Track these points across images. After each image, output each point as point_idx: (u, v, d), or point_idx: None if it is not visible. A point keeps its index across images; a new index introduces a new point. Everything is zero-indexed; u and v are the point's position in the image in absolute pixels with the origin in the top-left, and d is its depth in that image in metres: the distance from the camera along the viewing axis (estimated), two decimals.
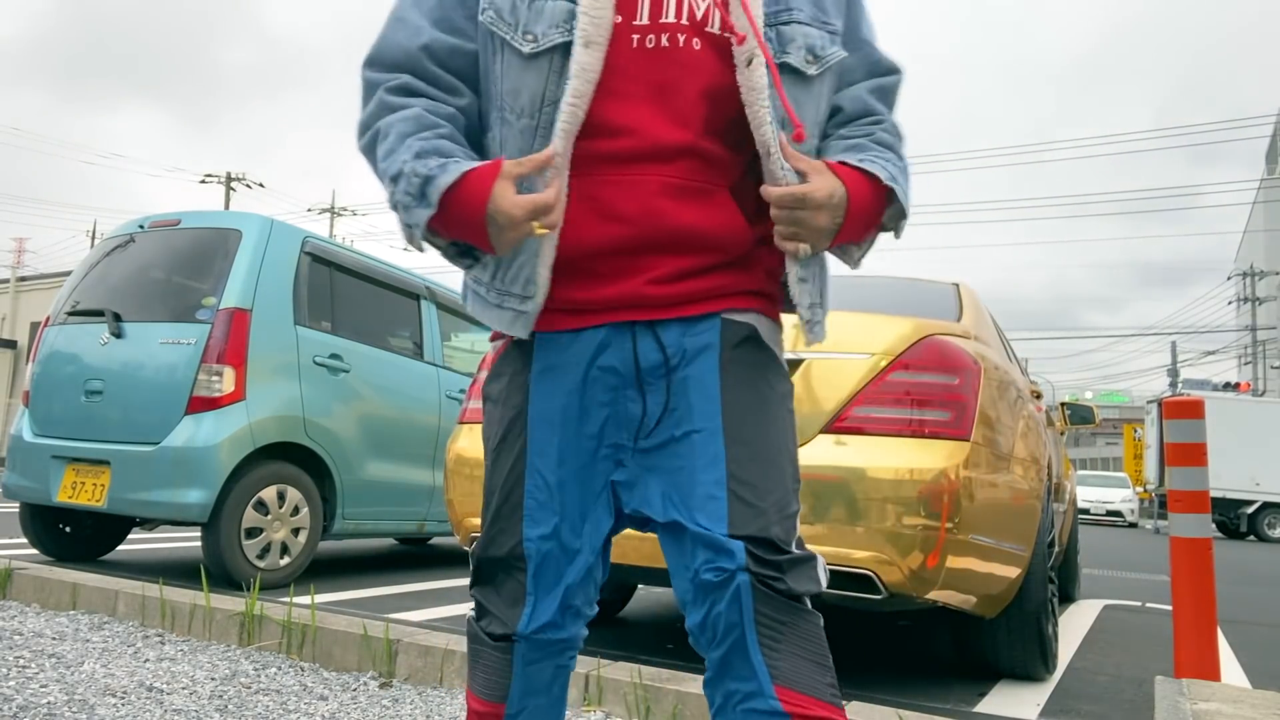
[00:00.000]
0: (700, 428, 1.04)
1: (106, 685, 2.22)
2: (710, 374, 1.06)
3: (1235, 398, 20.52)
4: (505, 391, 1.12)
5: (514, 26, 1.04)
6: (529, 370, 1.10)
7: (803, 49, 1.08)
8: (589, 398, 1.07)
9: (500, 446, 1.11)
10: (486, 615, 1.12)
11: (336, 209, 31.99)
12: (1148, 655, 3.60)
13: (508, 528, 1.09)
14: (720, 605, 0.99)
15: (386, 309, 4.92)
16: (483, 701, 1.14)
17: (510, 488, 1.09)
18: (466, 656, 1.18)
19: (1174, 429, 2.70)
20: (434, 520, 5.05)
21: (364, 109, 1.10)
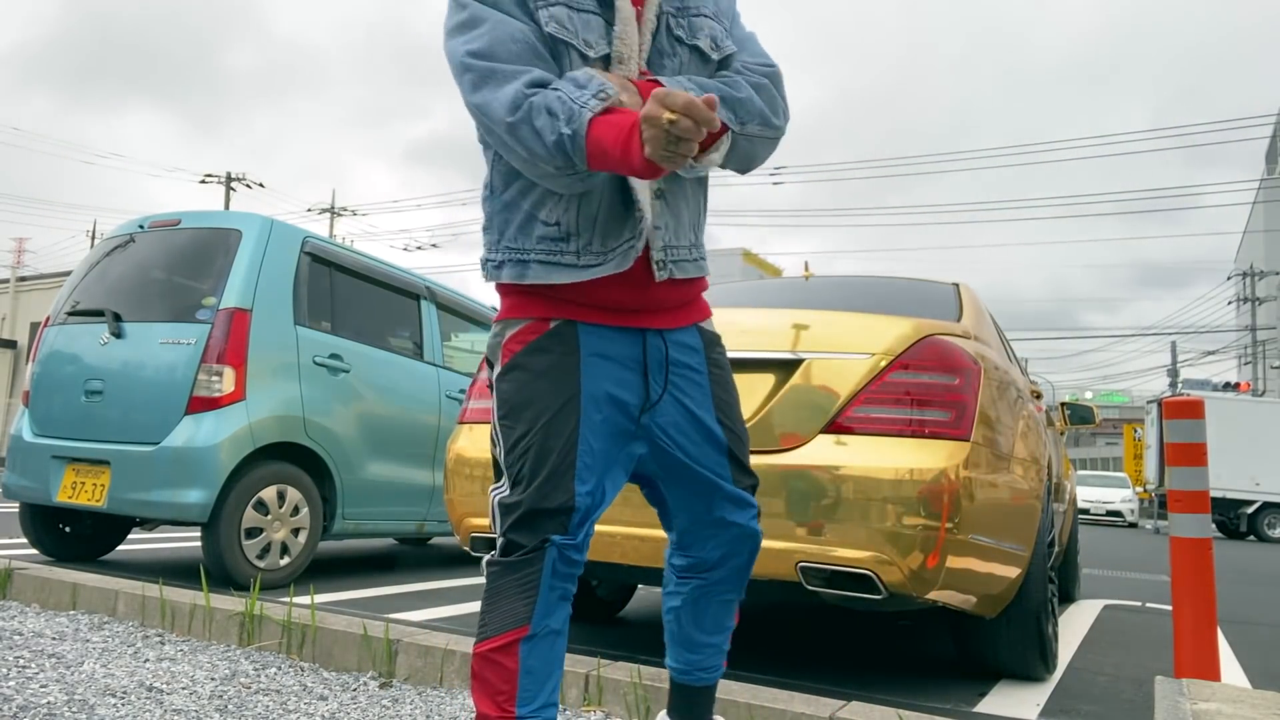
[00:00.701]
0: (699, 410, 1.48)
1: (106, 685, 2.22)
2: (702, 372, 1.49)
3: (1235, 398, 20.51)
4: (554, 367, 1.37)
5: (574, 34, 1.34)
6: (578, 353, 1.38)
7: (708, 37, 1.45)
8: (628, 387, 1.41)
9: (555, 417, 1.35)
10: (521, 545, 1.33)
11: (336, 209, 32.00)
12: (1148, 655, 3.60)
13: (561, 485, 1.34)
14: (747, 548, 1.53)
15: (386, 309, 4.92)
16: (500, 635, 1.33)
17: (565, 452, 1.35)
18: (482, 608, 1.37)
19: (1174, 429, 2.70)
20: (434, 520, 5.05)
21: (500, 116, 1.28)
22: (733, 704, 2.10)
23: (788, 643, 3.46)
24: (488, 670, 1.33)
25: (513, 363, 1.40)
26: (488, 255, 1.45)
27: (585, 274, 1.37)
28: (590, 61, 1.33)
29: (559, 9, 1.34)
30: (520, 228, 1.40)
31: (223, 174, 28.52)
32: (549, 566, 1.33)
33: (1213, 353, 40.07)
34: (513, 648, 1.32)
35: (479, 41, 1.29)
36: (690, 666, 1.61)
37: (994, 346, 3.04)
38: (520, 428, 1.37)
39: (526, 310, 1.41)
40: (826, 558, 2.36)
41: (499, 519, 1.37)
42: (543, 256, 1.38)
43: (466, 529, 2.92)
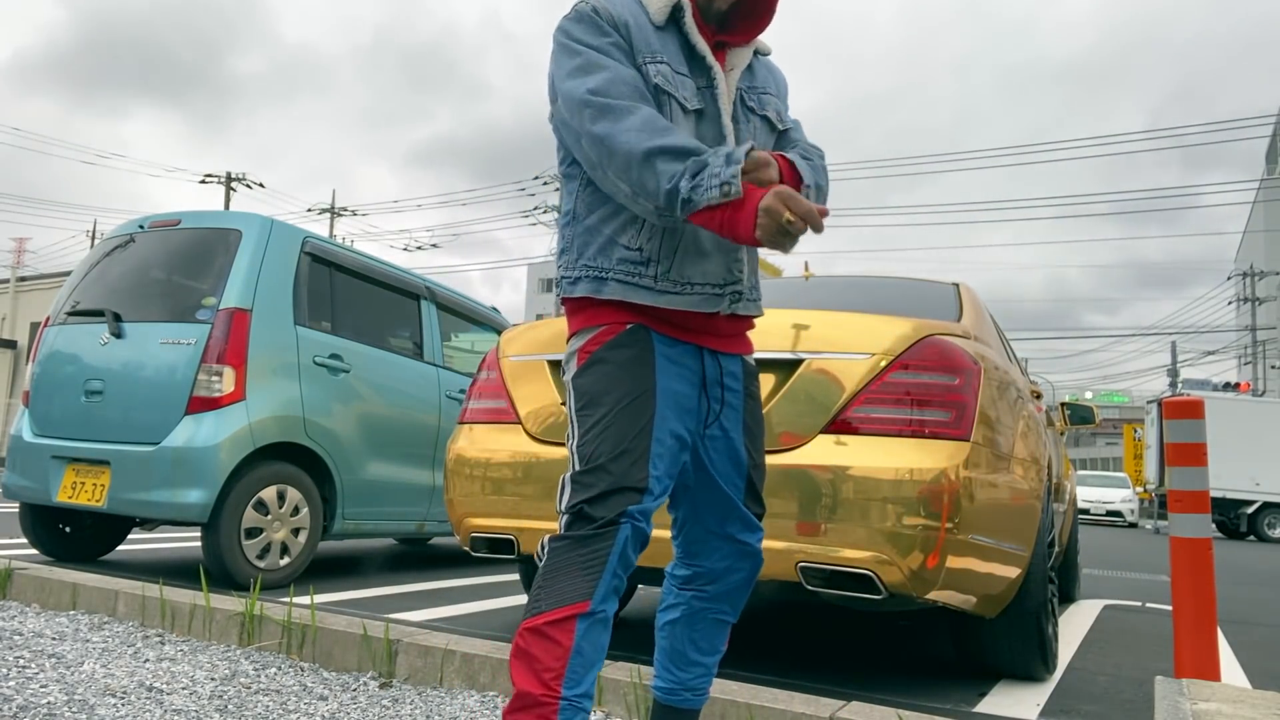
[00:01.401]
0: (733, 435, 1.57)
1: (106, 685, 2.22)
2: (740, 397, 1.59)
3: (1235, 398, 20.51)
4: (633, 360, 1.46)
5: (675, 89, 1.49)
6: (653, 351, 1.47)
7: (775, 111, 1.65)
8: (690, 397, 1.50)
9: (634, 403, 1.43)
10: (593, 518, 1.36)
11: (336, 209, 31.99)
12: (1148, 655, 3.60)
13: (638, 464, 1.40)
14: (748, 565, 1.60)
15: (386, 309, 4.92)
16: (556, 609, 1.32)
17: (642, 436, 1.41)
18: (537, 583, 1.36)
19: (1174, 429, 2.70)
20: (434, 520, 5.05)
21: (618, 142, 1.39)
22: (733, 704, 2.10)
23: (788, 643, 3.46)
24: (537, 646, 1.31)
25: (593, 358, 1.48)
26: (565, 273, 1.55)
27: (662, 300, 1.47)
28: (688, 114, 1.50)
29: (664, 67, 1.50)
30: (600, 250, 1.50)
31: (223, 174, 28.51)
32: (620, 544, 1.35)
33: (1213, 353, 40.08)
34: (569, 623, 1.31)
35: (597, 81, 1.43)
36: (679, 686, 1.62)
37: (994, 346, 3.04)
38: (599, 412, 1.43)
39: (601, 318, 1.50)
40: (826, 558, 2.36)
41: (568, 495, 1.40)
42: (621, 276, 1.48)
43: (466, 529, 2.92)
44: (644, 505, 1.39)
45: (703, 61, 1.55)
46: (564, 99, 1.46)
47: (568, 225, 1.57)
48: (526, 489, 2.79)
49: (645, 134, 1.37)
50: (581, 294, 1.51)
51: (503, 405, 2.98)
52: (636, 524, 1.38)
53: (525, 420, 2.90)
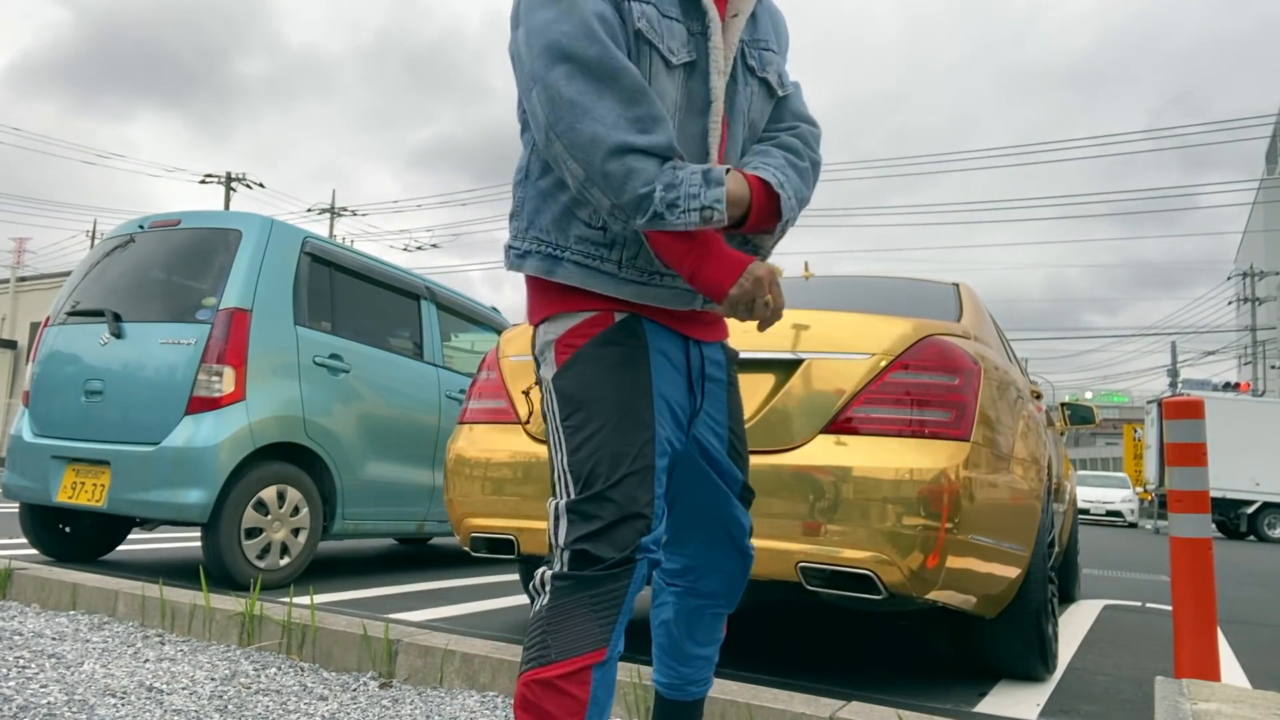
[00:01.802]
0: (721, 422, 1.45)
1: (106, 685, 2.22)
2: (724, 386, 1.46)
3: (1235, 398, 20.51)
4: (627, 360, 1.28)
5: (660, 38, 1.26)
6: (647, 348, 1.30)
7: (775, 73, 1.42)
8: (682, 392, 1.36)
9: (631, 412, 1.25)
10: (601, 558, 1.19)
11: (336, 209, 32.00)
12: (1148, 655, 3.60)
13: (644, 486, 1.22)
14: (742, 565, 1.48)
15: (386, 309, 4.92)
16: (569, 660, 1.17)
17: (644, 452, 1.24)
18: (540, 627, 1.20)
19: (1174, 429, 2.70)
20: (434, 520, 5.05)
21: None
22: (733, 704, 2.10)
23: (788, 643, 3.46)
24: (549, 701, 1.16)
25: (578, 355, 1.27)
26: (512, 242, 1.34)
27: (625, 290, 1.28)
28: (671, 69, 1.26)
29: (649, 7, 1.26)
30: (556, 221, 1.29)
31: (223, 174, 28.52)
32: (637, 582, 1.20)
33: (1213, 353, 40.08)
34: (584, 674, 1.17)
35: (575, 22, 1.19)
36: (682, 680, 1.54)
37: (994, 346, 3.04)
38: (592, 425, 1.23)
39: (583, 304, 1.30)
40: (826, 558, 2.36)
41: (565, 529, 1.21)
42: (578, 258, 1.28)
43: (466, 529, 2.92)
44: (655, 533, 1.22)
45: (698, 3, 1.31)
46: (530, 32, 1.21)
47: (520, 183, 1.35)
48: (526, 489, 2.79)
49: (625, 121, 1.16)
50: (531, 272, 1.31)
51: (503, 405, 2.98)
52: (653, 557, 1.22)
53: (525, 420, 2.90)
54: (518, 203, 1.35)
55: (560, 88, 1.17)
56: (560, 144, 1.18)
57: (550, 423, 1.29)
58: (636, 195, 1.16)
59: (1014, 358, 3.89)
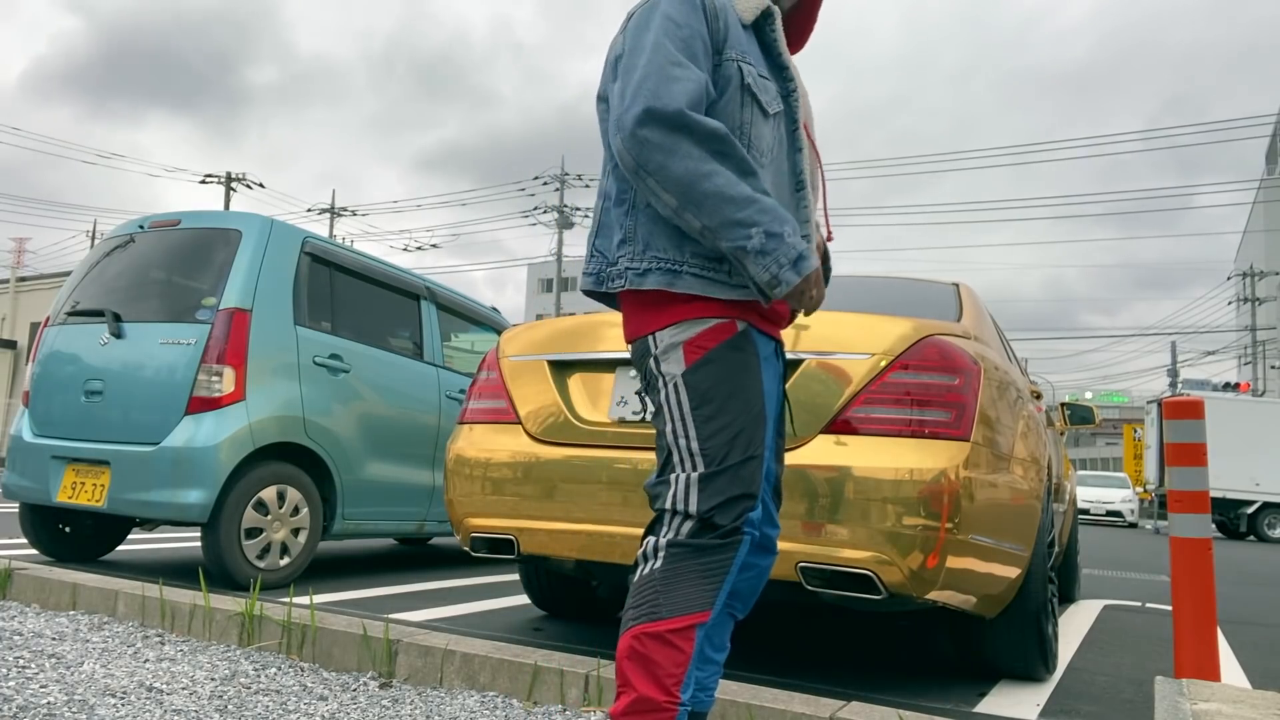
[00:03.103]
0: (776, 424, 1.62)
1: (106, 685, 2.22)
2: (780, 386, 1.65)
3: (1235, 398, 20.51)
4: (750, 366, 1.47)
5: (760, 91, 1.53)
6: (759, 356, 1.50)
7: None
8: (780, 386, 1.59)
9: (757, 409, 1.46)
10: (718, 525, 1.38)
11: (336, 209, 31.99)
12: (1148, 655, 3.60)
13: (759, 473, 1.43)
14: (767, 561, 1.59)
15: (386, 309, 4.92)
16: (679, 618, 1.35)
17: (760, 444, 1.44)
18: (655, 586, 1.37)
19: (1174, 429, 2.70)
20: (434, 520, 5.05)
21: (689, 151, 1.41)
22: (733, 704, 2.10)
23: (788, 643, 3.46)
24: (659, 652, 1.33)
25: (708, 356, 1.47)
26: (630, 264, 1.51)
27: (735, 294, 1.48)
28: (768, 118, 1.53)
29: (752, 68, 1.51)
30: (672, 241, 1.49)
31: (223, 174, 28.50)
32: (740, 555, 1.40)
33: (1213, 353, 40.09)
34: (690, 632, 1.33)
35: (692, 91, 1.42)
36: (695, 687, 1.56)
37: (994, 346, 3.04)
38: (726, 415, 1.43)
39: (707, 311, 1.48)
40: (826, 558, 2.36)
41: (696, 498, 1.40)
42: (696, 270, 1.48)
43: (466, 529, 2.92)
44: (757, 513, 1.43)
45: (785, 69, 1.59)
46: (655, 98, 1.39)
47: (625, 213, 1.53)
48: (526, 489, 2.79)
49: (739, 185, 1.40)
50: (654, 286, 1.49)
51: (503, 405, 2.98)
52: (754, 534, 1.42)
53: (525, 420, 2.90)
54: (626, 231, 1.53)
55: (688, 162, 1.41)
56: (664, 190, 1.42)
57: (674, 411, 1.47)
58: (745, 243, 1.40)
59: (1014, 358, 3.89)
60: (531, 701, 2.32)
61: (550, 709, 2.26)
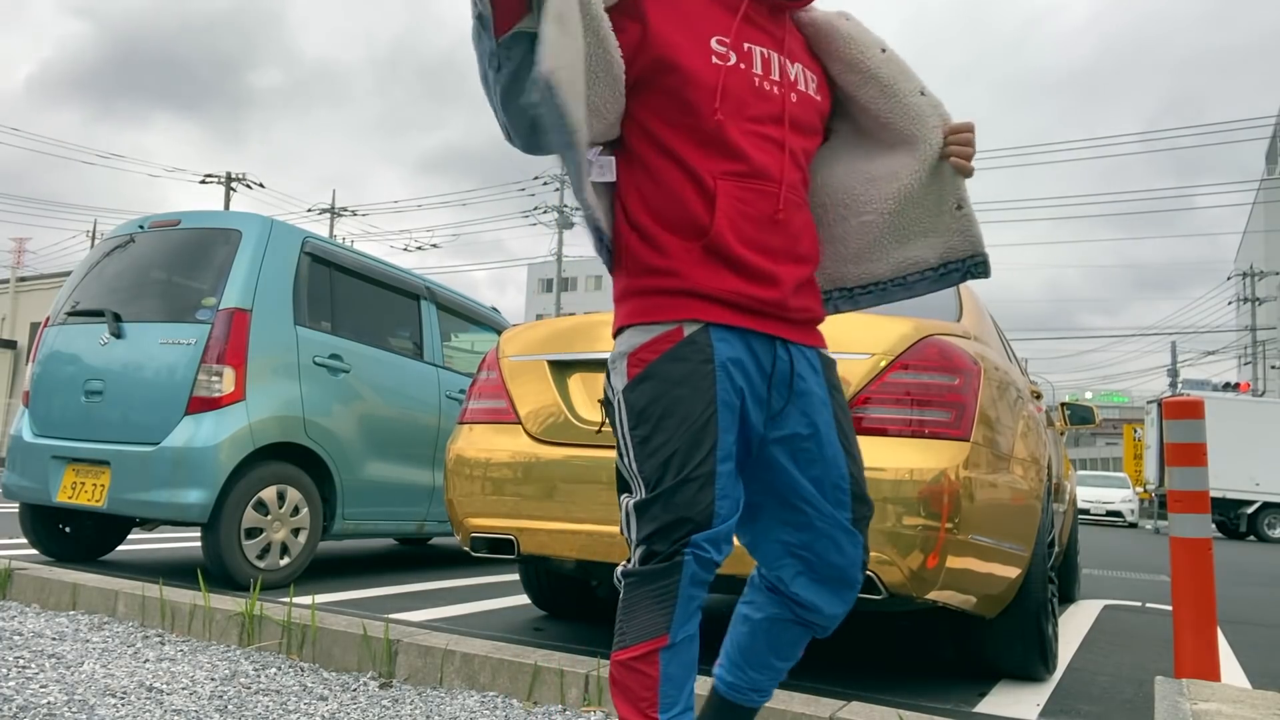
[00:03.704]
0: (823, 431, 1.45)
1: (106, 685, 2.22)
2: (822, 390, 1.48)
3: (1235, 398, 20.51)
4: (688, 375, 1.36)
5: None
6: (713, 361, 1.36)
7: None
8: (753, 392, 1.41)
9: (698, 424, 1.34)
10: (657, 552, 1.33)
11: (337, 209, 31.99)
12: (1148, 655, 3.60)
13: (703, 493, 1.33)
14: (848, 607, 1.49)
15: (386, 309, 4.92)
16: (639, 645, 1.34)
17: (705, 461, 1.34)
18: (619, 617, 1.38)
19: (1174, 429, 2.70)
20: (434, 520, 5.05)
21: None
22: None
23: None
24: (629, 678, 1.34)
25: (648, 371, 1.38)
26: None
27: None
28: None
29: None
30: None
31: (223, 174, 28.51)
32: (686, 578, 1.33)
33: (1213, 353, 40.10)
34: (653, 657, 1.33)
35: None
36: (747, 685, 1.55)
37: (994, 346, 3.04)
38: (659, 437, 1.35)
39: (651, 313, 1.41)
40: None
41: (635, 527, 1.36)
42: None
43: (466, 529, 2.92)
44: (713, 531, 1.34)
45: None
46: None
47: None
48: (526, 489, 2.79)
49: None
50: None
51: (503, 405, 2.98)
52: (701, 554, 1.33)
53: (525, 420, 2.90)
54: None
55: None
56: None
57: (617, 430, 1.41)
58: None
59: (1014, 358, 3.89)
60: (531, 701, 2.32)
61: (550, 709, 2.26)
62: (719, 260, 1.38)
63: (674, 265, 1.39)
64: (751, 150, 1.40)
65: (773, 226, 1.41)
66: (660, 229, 1.41)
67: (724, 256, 1.38)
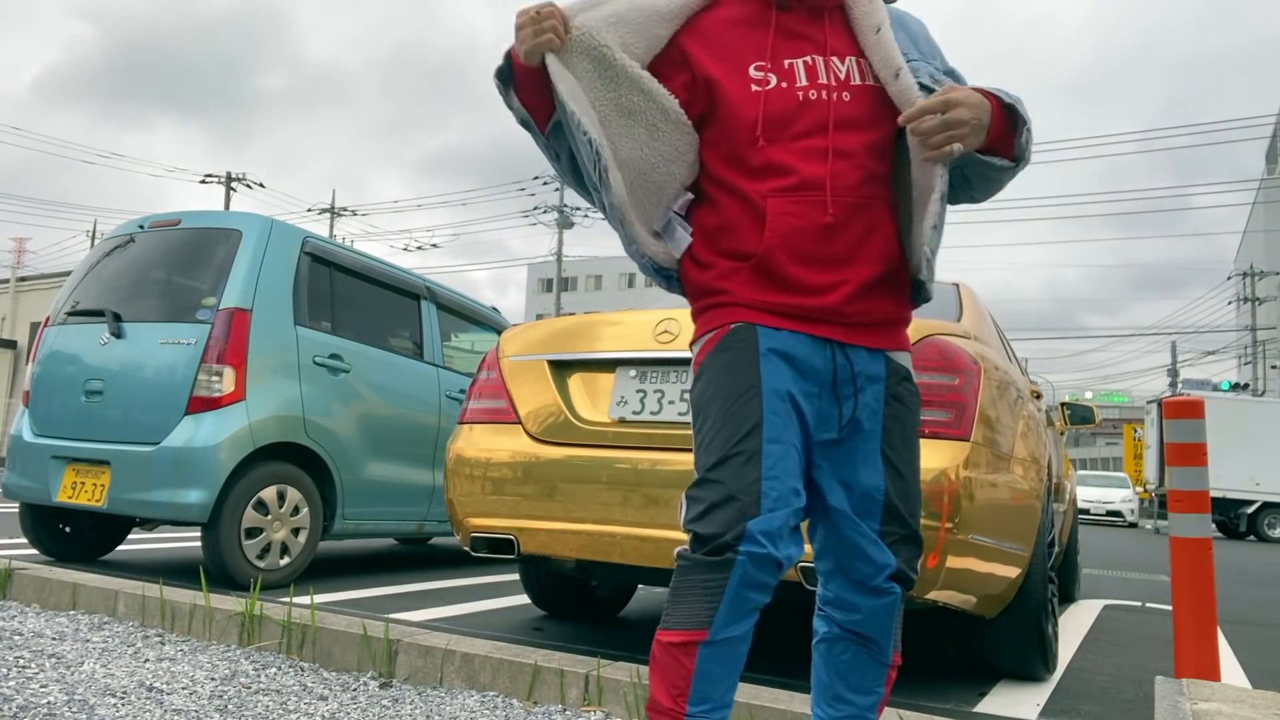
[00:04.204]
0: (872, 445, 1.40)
1: (106, 685, 2.22)
2: (877, 400, 1.41)
3: (1235, 398, 20.51)
4: (731, 362, 1.37)
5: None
6: (758, 349, 1.37)
7: (927, 75, 1.46)
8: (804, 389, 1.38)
9: (741, 401, 1.34)
10: (705, 538, 1.29)
11: (337, 209, 31.99)
12: (1148, 655, 3.60)
13: (749, 465, 1.30)
14: (882, 603, 1.41)
15: (386, 309, 4.92)
16: (680, 632, 1.30)
17: (747, 440, 1.32)
18: (669, 594, 1.34)
19: (1174, 429, 2.70)
20: (434, 520, 5.05)
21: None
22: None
23: (788, 643, 3.46)
24: (664, 659, 1.31)
25: (701, 369, 1.42)
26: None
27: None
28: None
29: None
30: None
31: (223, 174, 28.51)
32: (736, 580, 1.27)
33: (1213, 353, 40.10)
34: (691, 648, 1.29)
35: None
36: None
37: (994, 346, 3.03)
38: (708, 424, 1.36)
39: (707, 323, 1.45)
40: None
41: (685, 510, 1.34)
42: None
43: (467, 529, 2.92)
44: (765, 520, 1.27)
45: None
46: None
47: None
48: (526, 489, 2.79)
49: None
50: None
51: (503, 405, 2.98)
52: (756, 551, 1.26)
53: (525, 420, 2.90)
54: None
55: None
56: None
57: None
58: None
59: (1014, 358, 3.89)
60: (531, 701, 2.32)
61: (550, 709, 2.26)
62: (765, 277, 1.40)
63: (725, 285, 1.42)
64: (799, 164, 1.40)
65: (827, 234, 1.38)
66: (716, 256, 1.44)
67: (771, 274, 1.39)
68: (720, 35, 1.48)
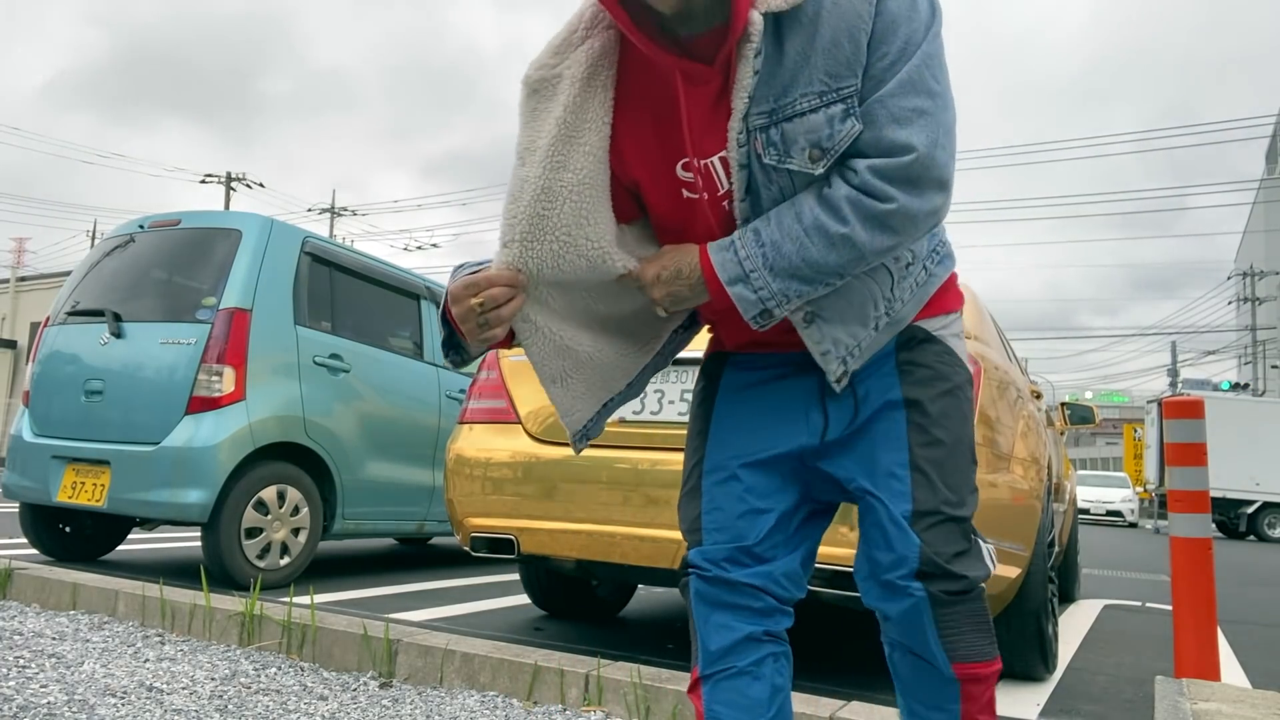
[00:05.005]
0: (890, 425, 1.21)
1: (106, 685, 2.22)
2: (891, 376, 1.22)
3: (1235, 398, 20.51)
4: (695, 397, 1.36)
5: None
6: (718, 380, 1.32)
7: (805, 148, 1.07)
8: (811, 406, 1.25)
9: (691, 441, 1.33)
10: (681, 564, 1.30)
11: (336, 209, 31.99)
12: (1148, 655, 3.60)
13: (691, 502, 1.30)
14: (903, 606, 1.16)
15: (386, 309, 4.92)
16: (692, 670, 1.25)
17: (690, 471, 1.33)
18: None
19: (1174, 429, 2.70)
20: (434, 520, 5.05)
21: None
22: None
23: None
24: (695, 700, 1.25)
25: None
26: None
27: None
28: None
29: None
30: None
31: (223, 174, 28.51)
32: (692, 604, 1.25)
33: (1213, 353, 40.11)
34: (695, 687, 1.24)
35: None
36: None
37: (994, 346, 3.03)
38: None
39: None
40: (826, 558, 2.36)
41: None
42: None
43: (466, 529, 2.92)
44: (706, 549, 1.23)
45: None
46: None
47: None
48: (527, 489, 2.79)
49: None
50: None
51: (503, 405, 2.98)
52: (704, 573, 1.23)
53: (525, 420, 2.90)
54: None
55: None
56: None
57: None
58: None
59: (1014, 358, 3.89)
60: (531, 701, 2.32)
61: (550, 709, 2.26)
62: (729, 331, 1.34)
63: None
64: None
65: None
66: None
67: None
68: (640, 119, 1.22)
